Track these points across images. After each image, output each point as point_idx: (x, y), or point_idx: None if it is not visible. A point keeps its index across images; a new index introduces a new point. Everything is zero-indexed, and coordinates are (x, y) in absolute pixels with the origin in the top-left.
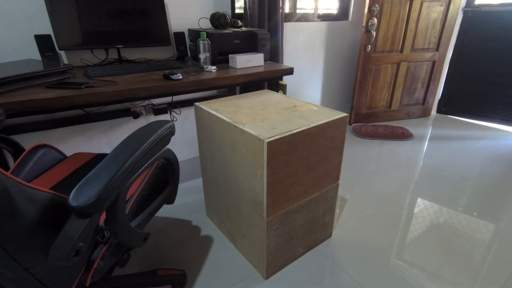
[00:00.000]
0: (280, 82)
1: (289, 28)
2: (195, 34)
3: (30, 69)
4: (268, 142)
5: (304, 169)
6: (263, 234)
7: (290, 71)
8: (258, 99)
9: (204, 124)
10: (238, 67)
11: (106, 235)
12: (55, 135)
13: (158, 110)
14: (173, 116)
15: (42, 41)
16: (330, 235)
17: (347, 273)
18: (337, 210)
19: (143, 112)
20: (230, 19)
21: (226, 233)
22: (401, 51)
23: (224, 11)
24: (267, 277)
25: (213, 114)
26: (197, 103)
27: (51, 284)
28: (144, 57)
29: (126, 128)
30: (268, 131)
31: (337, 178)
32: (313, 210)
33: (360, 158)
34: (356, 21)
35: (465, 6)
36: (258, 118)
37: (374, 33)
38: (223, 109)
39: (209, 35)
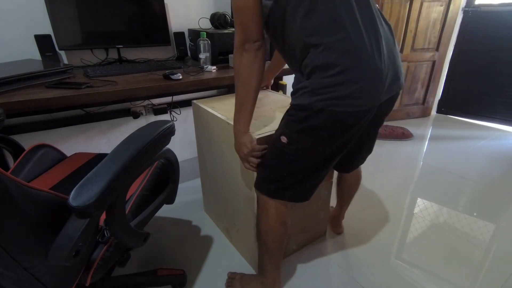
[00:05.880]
0: (280, 82)
1: None
2: (195, 34)
3: (30, 69)
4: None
5: None
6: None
7: (290, 71)
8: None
9: (202, 121)
10: None
11: (106, 235)
12: (55, 135)
13: (158, 110)
14: (173, 116)
15: (42, 41)
16: (325, 233)
17: (347, 273)
18: None
19: (143, 112)
20: (230, 19)
21: (223, 229)
22: (401, 51)
23: (224, 11)
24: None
25: (210, 112)
26: (195, 101)
27: (51, 284)
28: (144, 57)
29: (126, 128)
30: (259, 128)
31: (330, 177)
32: (306, 208)
33: None
34: None
35: (465, 6)
36: (253, 116)
37: None
38: (220, 107)
39: (209, 35)
